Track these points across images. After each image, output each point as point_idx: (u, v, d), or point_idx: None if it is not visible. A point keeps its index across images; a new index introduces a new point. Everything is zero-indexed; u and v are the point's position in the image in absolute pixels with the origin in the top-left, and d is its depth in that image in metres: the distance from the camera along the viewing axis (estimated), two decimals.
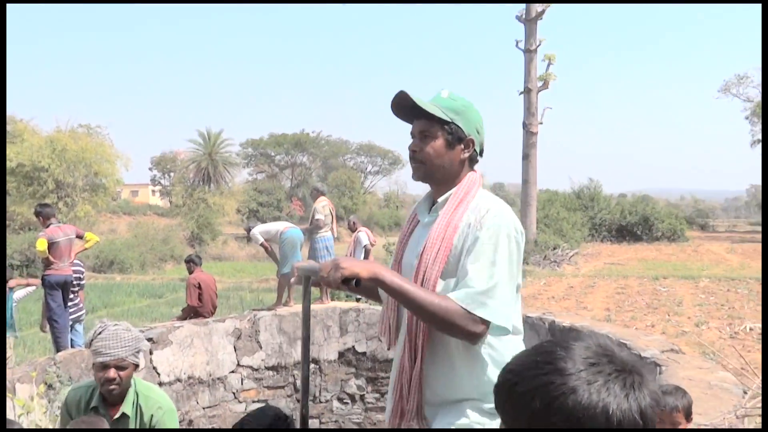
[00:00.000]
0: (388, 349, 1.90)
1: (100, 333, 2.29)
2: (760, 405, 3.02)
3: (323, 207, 7.22)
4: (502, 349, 1.68)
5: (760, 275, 14.38)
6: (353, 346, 6.54)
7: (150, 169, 51.93)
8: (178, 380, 5.83)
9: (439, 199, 1.79)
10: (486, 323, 1.57)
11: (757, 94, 45.89)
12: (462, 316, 1.55)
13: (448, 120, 1.74)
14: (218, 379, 6.15)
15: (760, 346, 7.03)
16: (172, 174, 49.24)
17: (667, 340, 4.91)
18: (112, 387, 2.29)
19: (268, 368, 6.40)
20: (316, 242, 7.24)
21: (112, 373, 2.27)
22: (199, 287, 6.91)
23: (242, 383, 6.26)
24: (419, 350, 1.69)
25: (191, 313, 6.91)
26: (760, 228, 55.08)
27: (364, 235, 8.76)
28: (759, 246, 26.43)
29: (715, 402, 3.02)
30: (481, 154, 1.84)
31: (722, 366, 4.01)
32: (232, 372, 6.22)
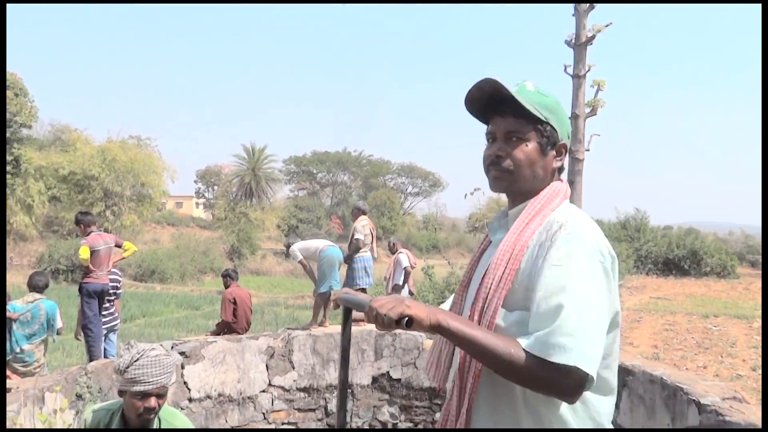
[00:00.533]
0: (438, 391, 1.66)
1: (137, 360, 2.10)
2: None
3: (363, 227, 7.07)
4: (579, 411, 1.33)
5: None
6: (388, 372, 6.33)
7: (195, 181, 53.01)
8: (209, 397, 5.72)
9: (511, 212, 1.50)
10: (577, 373, 1.20)
11: None
12: (543, 367, 1.21)
13: (544, 119, 1.44)
14: (249, 398, 6.02)
15: None
16: (215, 187, 50.11)
17: (727, 385, 4.55)
18: (152, 416, 2.16)
19: (299, 390, 6.24)
20: (355, 262, 7.09)
21: (153, 401, 2.11)
22: (234, 302, 6.83)
23: (273, 404, 6.11)
24: (467, 395, 1.38)
25: (225, 328, 6.82)
26: None
27: (404, 256, 8.59)
28: None
29: None
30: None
31: None
32: (263, 392, 6.08)
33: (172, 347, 5.51)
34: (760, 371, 7.80)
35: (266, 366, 6.13)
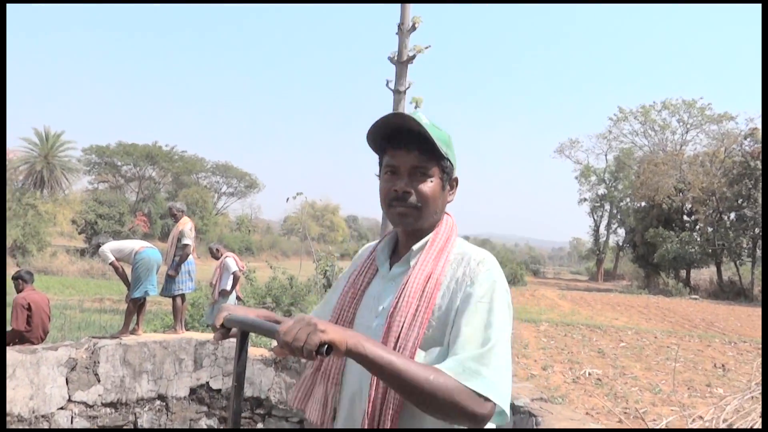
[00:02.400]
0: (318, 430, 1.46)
1: None
2: None
3: (191, 230, 6.61)
4: None
5: (589, 322, 15.71)
6: (208, 382, 5.99)
7: None
8: None
9: (414, 247, 1.46)
10: (490, 402, 1.21)
11: (585, 158, 51.56)
12: (461, 392, 1.20)
13: (445, 155, 1.43)
14: (42, 416, 5.29)
15: (599, 391, 7.53)
16: None
17: (528, 386, 5.01)
18: None
19: (105, 405, 5.64)
20: (175, 265, 6.60)
21: None
22: (29, 309, 5.97)
23: (72, 422, 5.44)
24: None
25: (16, 338, 5.93)
26: (581, 276, 61.51)
27: (231, 261, 8.20)
28: (584, 293, 29.16)
29: None
30: None
31: (591, 417, 4.15)
32: (62, 409, 5.39)
33: None
34: (550, 371, 8.78)
35: (66, 380, 5.45)
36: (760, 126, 33.06)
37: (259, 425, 5.93)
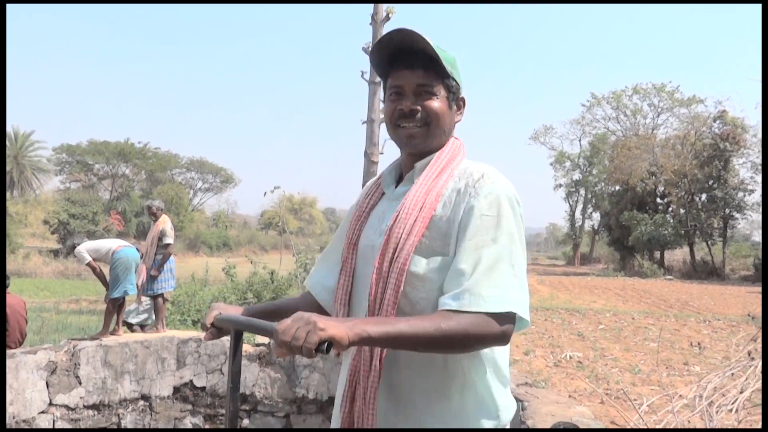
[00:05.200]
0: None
1: None
2: None
3: (171, 229, 6.54)
4: (498, 351, 1.35)
5: (567, 306, 15.93)
6: (191, 381, 5.95)
7: None
8: None
9: (417, 164, 1.44)
10: (509, 317, 1.22)
11: (559, 144, 52.16)
12: (476, 324, 1.19)
13: (450, 74, 1.41)
14: (23, 421, 5.21)
15: (581, 374, 7.65)
16: None
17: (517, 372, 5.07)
18: None
19: (87, 407, 5.57)
20: (158, 264, 6.52)
21: None
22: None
23: (54, 425, 5.37)
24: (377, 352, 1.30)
25: None
26: (557, 261, 62.40)
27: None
28: (562, 278, 29.54)
29: None
30: None
31: (574, 399, 4.22)
32: (43, 413, 5.32)
33: None
34: (532, 356, 8.89)
35: (46, 383, 5.37)
36: (728, 109, 33.78)
37: (245, 421, 5.92)
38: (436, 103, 1.41)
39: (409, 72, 1.40)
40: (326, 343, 1.09)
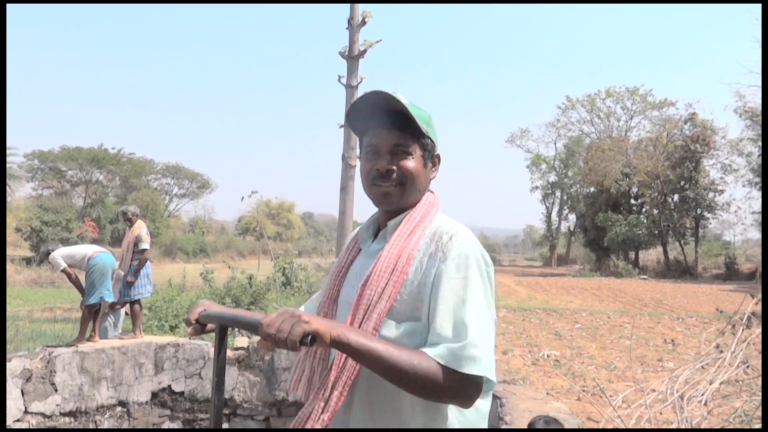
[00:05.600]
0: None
1: None
2: None
3: (147, 234, 6.49)
4: (467, 413, 1.35)
5: (545, 306, 16.11)
6: (170, 386, 5.91)
7: None
8: None
9: (390, 223, 1.46)
10: (479, 381, 1.23)
11: (535, 147, 52.73)
12: (447, 375, 1.21)
13: (425, 133, 1.44)
14: None
15: (558, 372, 7.76)
16: None
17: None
18: None
19: (64, 414, 5.51)
20: (134, 270, 6.47)
21: None
22: None
23: None
24: (334, 397, 1.32)
25: None
26: (535, 262, 62.99)
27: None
28: (540, 279, 29.84)
29: None
30: None
31: (551, 396, 4.30)
32: (18, 421, 5.24)
33: None
34: (510, 355, 9.00)
35: (21, 391, 5.30)
36: (698, 111, 34.51)
37: (225, 425, 5.89)
38: (412, 163, 1.44)
39: (385, 132, 1.43)
40: (310, 336, 1.12)
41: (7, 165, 34.60)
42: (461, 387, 1.23)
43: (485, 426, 1.43)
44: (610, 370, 7.93)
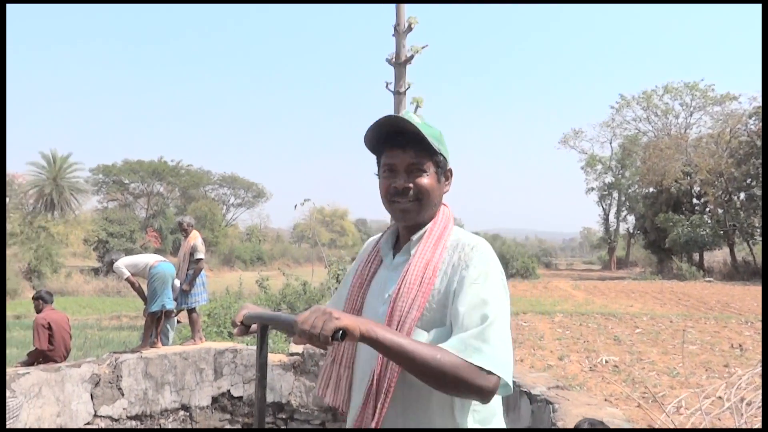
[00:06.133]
0: (341, 413, 1.61)
1: None
2: None
3: (202, 244, 6.72)
4: (485, 412, 1.47)
5: (603, 310, 15.70)
6: (229, 390, 6.08)
7: None
8: None
9: (414, 237, 1.57)
10: (494, 375, 1.32)
11: (590, 147, 51.49)
12: (466, 368, 1.30)
13: (437, 150, 1.55)
14: None
15: (617, 378, 7.56)
16: (7, 199, 44.20)
17: (550, 375, 5.06)
18: None
19: (130, 418, 5.75)
20: (190, 279, 6.70)
21: None
22: (50, 328, 6.08)
23: None
24: (379, 403, 1.43)
25: (39, 357, 6.05)
26: (593, 266, 61.30)
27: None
28: (597, 282, 29.08)
29: None
30: None
31: (606, 401, 4.21)
32: (88, 424, 5.51)
33: None
34: (566, 360, 8.81)
35: (91, 395, 5.56)
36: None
37: (282, 427, 6.01)
38: (426, 180, 1.54)
39: (401, 152, 1.54)
40: (341, 332, 1.21)
41: (75, 179, 36.29)
42: (478, 380, 1.31)
43: (500, 421, 1.53)
44: (672, 376, 7.67)
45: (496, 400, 1.52)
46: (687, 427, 3.47)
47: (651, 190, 39.27)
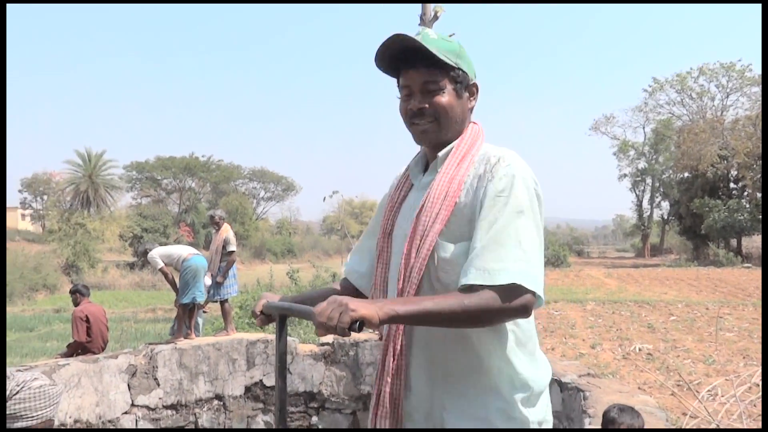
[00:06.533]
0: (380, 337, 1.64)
1: (17, 393, 1.83)
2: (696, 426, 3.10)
3: (233, 236, 6.83)
4: (526, 326, 1.45)
5: (637, 298, 15.46)
6: (261, 380, 6.18)
7: (20, 191, 47.77)
8: (62, 425, 5.19)
9: (440, 154, 1.52)
10: (524, 291, 1.28)
11: (622, 133, 50.56)
12: (495, 297, 1.27)
13: (454, 65, 1.46)
14: (109, 421, 5.56)
15: (651, 366, 7.45)
16: (45, 197, 45.52)
17: (581, 364, 5.02)
18: None
19: (166, 407, 5.88)
20: (222, 271, 6.81)
21: None
22: (87, 320, 6.26)
23: (137, 424, 5.69)
24: (401, 333, 1.44)
25: (78, 348, 6.23)
26: (626, 254, 60.36)
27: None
28: (631, 270, 28.62)
29: (646, 427, 3.05)
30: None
31: (639, 389, 4.15)
32: (126, 413, 5.65)
33: None
34: (599, 349, 8.72)
35: (128, 385, 5.71)
36: None
37: (314, 419, 6.09)
38: (444, 99, 1.47)
39: (413, 71, 1.47)
40: (358, 323, 1.21)
41: (109, 177, 37.08)
42: (508, 300, 1.29)
43: (534, 334, 1.51)
44: (708, 363, 7.52)
45: (528, 322, 1.47)
46: (721, 412, 3.41)
47: (686, 175, 38.38)
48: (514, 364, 1.43)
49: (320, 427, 6.09)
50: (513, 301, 1.29)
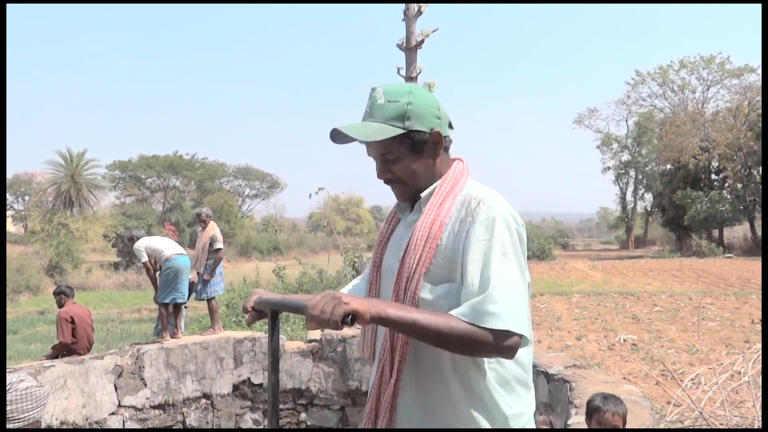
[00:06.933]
0: (371, 364, 1.67)
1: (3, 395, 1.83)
2: (678, 417, 3.15)
3: (220, 234, 6.79)
4: (509, 364, 1.47)
5: (621, 290, 15.62)
6: (249, 378, 6.17)
7: None
8: (48, 426, 5.15)
9: (423, 195, 1.57)
10: (511, 335, 1.32)
11: (605, 126, 50.95)
12: (481, 334, 1.31)
13: (403, 131, 1.50)
14: (96, 422, 5.52)
15: (635, 356, 7.54)
16: (27, 198, 44.96)
17: (567, 355, 5.07)
18: None
19: (153, 407, 5.86)
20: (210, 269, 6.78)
21: None
22: (72, 321, 6.20)
23: (124, 425, 5.67)
24: (397, 358, 1.46)
25: (63, 350, 6.18)
26: (611, 246, 60.91)
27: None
28: (615, 262, 28.90)
29: (631, 416, 3.10)
30: (450, 126, 1.61)
31: (624, 379, 4.21)
32: (113, 414, 5.62)
33: None
34: (584, 340, 8.80)
35: (114, 386, 5.68)
36: None
37: (302, 415, 6.10)
38: (403, 165, 1.54)
39: (369, 146, 1.56)
40: (350, 316, 1.23)
41: (92, 176, 36.69)
42: (496, 341, 1.32)
43: (529, 374, 1.54)
44: (692, 353, 7.64)
45: (524, 355, 1.50)
46: (704, 400, 3.47)
47: (668, 167, 38.80)
48: (495, 403, 1.45)
49: (308, 424, 6.10)
50: (501, 343, 1.33)
